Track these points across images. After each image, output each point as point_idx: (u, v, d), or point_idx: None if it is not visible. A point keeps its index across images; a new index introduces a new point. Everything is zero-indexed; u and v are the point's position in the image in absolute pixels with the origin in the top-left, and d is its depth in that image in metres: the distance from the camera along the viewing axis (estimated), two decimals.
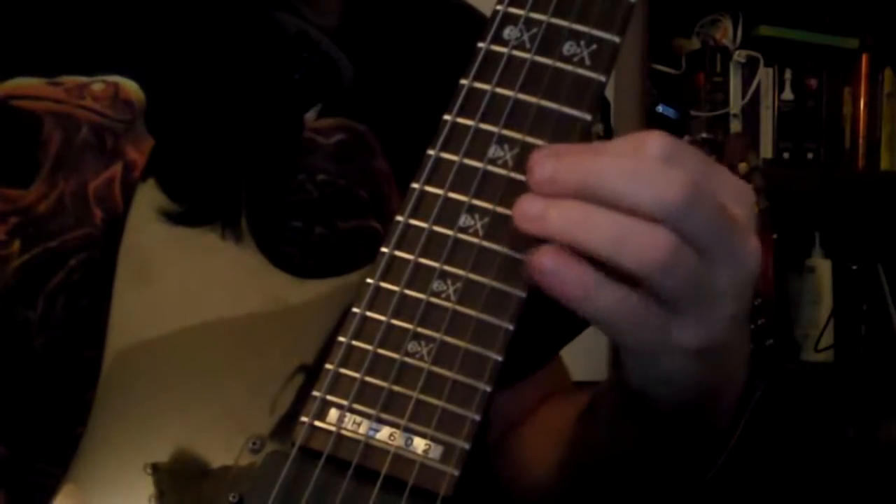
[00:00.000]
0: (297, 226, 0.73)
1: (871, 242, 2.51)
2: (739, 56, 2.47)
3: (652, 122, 2.37)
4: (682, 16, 2.48)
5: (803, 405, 2.19)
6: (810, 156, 2.52)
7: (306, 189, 0.74)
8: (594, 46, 0.57)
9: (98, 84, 0.71)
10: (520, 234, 0.53)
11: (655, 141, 0.53)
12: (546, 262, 0.52)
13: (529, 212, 0.52)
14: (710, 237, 0.52)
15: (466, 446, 0.54)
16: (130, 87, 0.72)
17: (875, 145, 2.57)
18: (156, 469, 0.57)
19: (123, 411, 0.60)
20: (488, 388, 0.54)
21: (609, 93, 2.16)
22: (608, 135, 1.97)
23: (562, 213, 0.52)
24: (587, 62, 0.57)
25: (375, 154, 0.76)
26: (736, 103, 2.46)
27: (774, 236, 1.98)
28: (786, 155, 2.50)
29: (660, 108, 2.40)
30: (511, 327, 0.55)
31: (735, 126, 2.45)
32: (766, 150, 2.49)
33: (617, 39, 0.57)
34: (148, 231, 0.64)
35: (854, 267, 2.48)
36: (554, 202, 0.52)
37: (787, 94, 2.52)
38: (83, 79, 0.71)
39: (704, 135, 2.10)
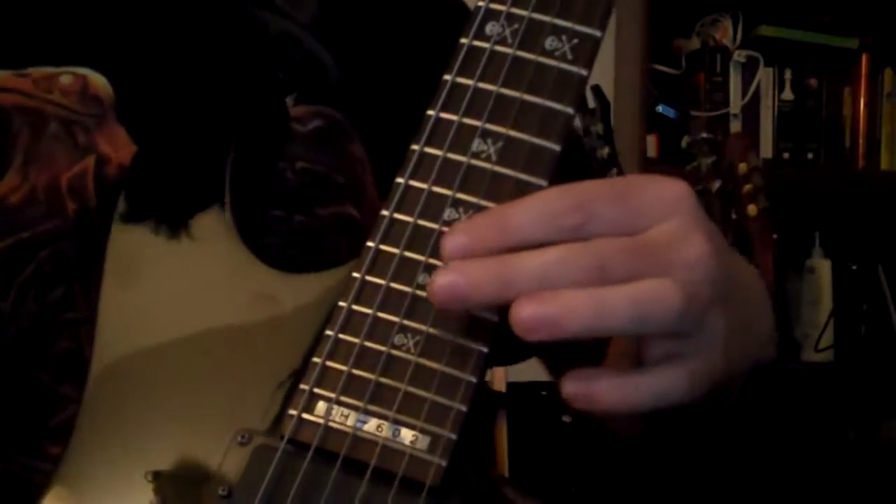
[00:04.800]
0: (278, 215, 0.73)
1: (871, 242, 2.52)
2: (739, 56, 2.47)
3: (652, 121, 2.37)
4: (682, 16, 2.48)
5: (803, 405, 2.19)
6: (810, 156, 2.53)
7: (286, 177, 0.74)
8: (575, 41, 0.57)
9: (66, 76, 0.71)
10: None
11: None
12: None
13: (541, 319, 0.51)
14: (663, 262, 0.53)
15: (453, 436, 0.54)
16: (98, 82, 0.72)
17: (875, 145, 2.57)
18: (157, 476, 0.57)
19: (117, 417, 0.60)
20: (473, 379, 0.55)
21: (609, 93, 2.16)
22: (608, 134, 1.97)
23: (575, 311, 0.51)
24: (569, 56, 0.57)
25: (352, 140, 0.77)
26: (736, 103, 2.47)
27: (774, 236, 1.99)
28: (786, 155, 2.51)
29: (660, 108, 2.41)
30: (495, 318, 0.55)
31: (735, 126, 2.45)
32: (766, 150, 2.49)
33: (598, 34, 0.57)
34: (135, 229, 0.64)
35: (854, 267, 2.49)
36: (558, 301, 0.51)
37: (787, 94, 2.53)
38: (50, 69, 0.71)
39: (704, 135, 2.10)
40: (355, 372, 0.56)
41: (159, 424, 0.59)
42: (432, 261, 0.56)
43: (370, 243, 0.57)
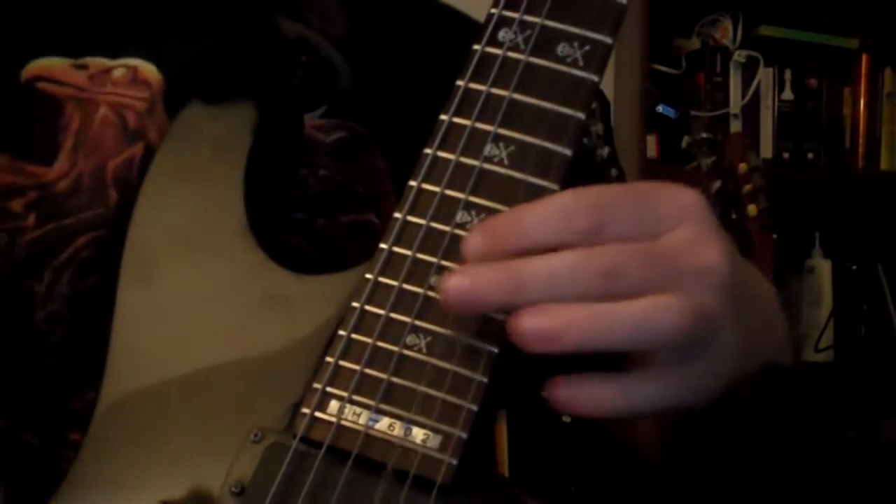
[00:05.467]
0: (300, 217, 0.74)
1: (871, 242, 2.52)
2: (739, 56, 2.48)
3: (652, 121, 2.38)
4: (682, 16, 2.49)
5: (803, 405, 2.19)
6: (810, 156, 2.53)
7: (308, 183, 0.75)
8: (587, 47, 0.58)
9: (119, 70, 0.73)
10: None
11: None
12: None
13: (539, 333, 0.52)
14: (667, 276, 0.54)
15: (464, 435, 0.55)
16: (149, 70, 0.73)
17: (875, 145, 2.58)
18: None
19: (128, 418, 0.61)
20: (485, 379, 0.55)
21: (609, 93, 2.16)
22: (608, 135, 1.98)
23: (573, 326, 0.52)
24: (580, 63, 0.58)
25: (373, 152, 0.78)
26: (736, 103, 2.47)
27: (774, 236, 1.99)
28: (786, 155, 2.51)
29: (660, 108, 2.41)
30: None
31: (735, 126, 2.46)
32: (766, 150, 2.50)
33: (609, 40, 0.58)
34: (152, 228, 0.65)
35: (854, 267, 2.49)
36: (557, 316, 0.52)
37: (787, 94, 2.53)
38: (106, 62, 0.73)
39: (704, 135, 2.10)
40: (368, 371, 0.57)
41: (170, 427, 0.60)
42: (445, 262, 0.57)
43: (383, 245, 0.58)
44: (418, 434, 0.55)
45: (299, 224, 0.74)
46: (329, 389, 0.57)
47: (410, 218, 0.58)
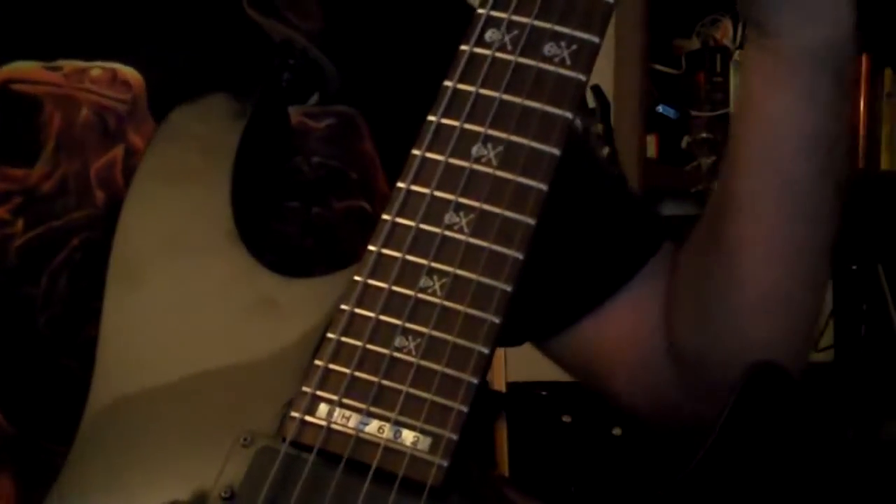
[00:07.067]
0: (295, 206, 0.74)
1: (871, 242, 2.52)
2: (739, 56, 2.47)
3: (652, 121, 2.38)
4: (682, 16, 2.48)
5: (803, 405, 2.19)
6: None
7: (302, 171, 0.75)
8: (574, 47, 0.58)
9: (96, 69, 0.72)
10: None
11: None
12: None
13: None
14: None
15: (454, 437, 0.55)
16: (128, 71, 0.73)
17: (875, 145, 2.57)
18: None
19: (117, 434, 0.61)
20: (475, 380, 0.56)
21: (609, 93, 2.16)
22: (608, 135, 1.98)
23: None
24: (567, 62, 0.58)
25: (363, 137, 0.78)
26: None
27: None
28: None
29: (660, 108, 2.41)
30: (497, 320, 0.56)
31: None
32: None
33: (596, 39, 0.58)
34: (139, 232, 0.65)
35: (854, 267, 2.48)
36: None
37: None
38: (81, 63, 0.72)
39: (704, 135, 2.10)
40: (357, 374, 0.57)
41: (160, 431, 0.60)
42: (434, 264, 0.57)
43: (372, 247, 0.58)
44: (408, 436, 0.55)
45: (294, 212, 0.74)
46: (319, 393, 0.57)
47: (399, 220, 0.58)
